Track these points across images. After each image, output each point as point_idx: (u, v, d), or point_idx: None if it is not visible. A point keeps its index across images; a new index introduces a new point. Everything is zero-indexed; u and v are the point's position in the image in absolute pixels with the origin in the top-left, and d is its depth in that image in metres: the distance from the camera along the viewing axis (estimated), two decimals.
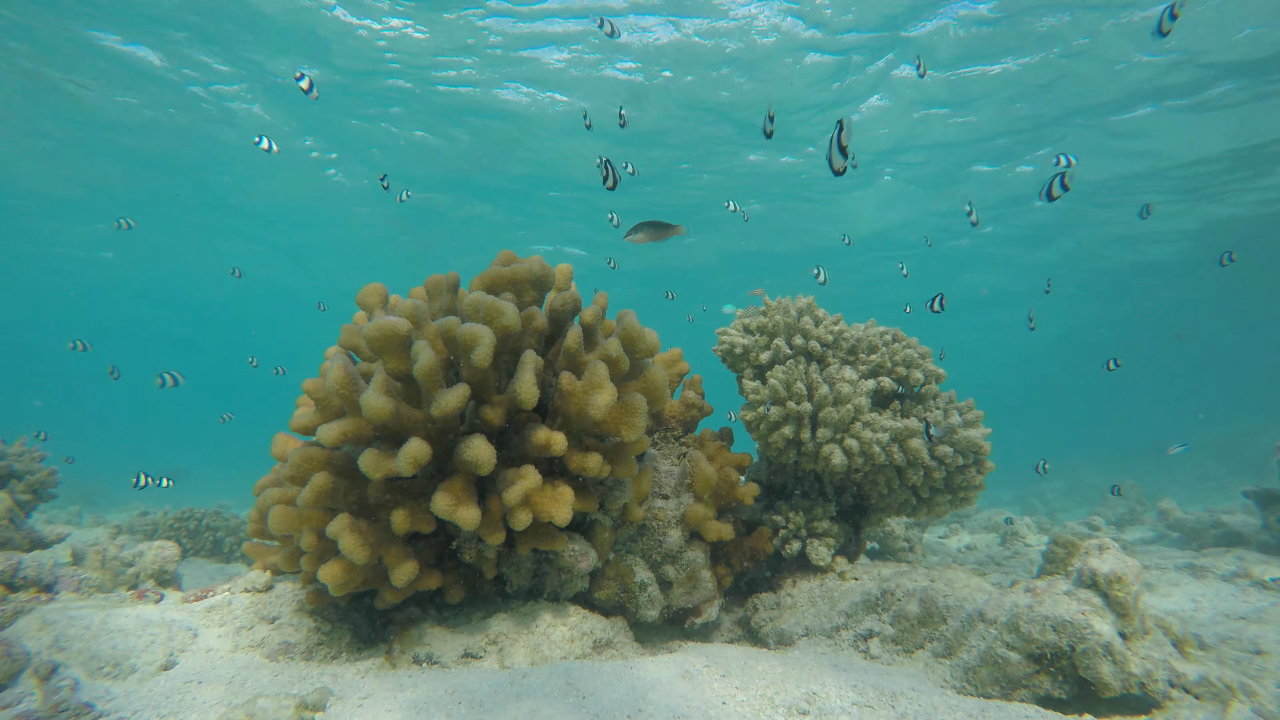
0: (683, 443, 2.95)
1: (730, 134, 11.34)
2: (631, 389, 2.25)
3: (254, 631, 2.17)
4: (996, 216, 13.96)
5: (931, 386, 3.03)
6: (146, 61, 9.47)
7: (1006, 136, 11.00)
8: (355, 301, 2.42)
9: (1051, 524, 8.08)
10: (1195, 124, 10.19)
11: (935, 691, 1.89)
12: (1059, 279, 18.27)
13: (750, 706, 1.78)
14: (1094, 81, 9.39)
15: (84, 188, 13.59)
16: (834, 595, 2.61)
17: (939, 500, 2.92)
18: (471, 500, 1.99)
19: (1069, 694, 1.80)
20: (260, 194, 14.12)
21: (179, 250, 17.70)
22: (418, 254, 17.77)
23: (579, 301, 2.37)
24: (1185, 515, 5.77)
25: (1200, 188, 12.52)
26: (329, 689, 1.81)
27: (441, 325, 2.09)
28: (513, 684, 1.86)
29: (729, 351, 3.08)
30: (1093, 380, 38.13)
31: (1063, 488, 13.03)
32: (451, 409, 1.93)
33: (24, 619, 2.03)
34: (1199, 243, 14.97)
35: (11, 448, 3.19)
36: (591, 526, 2.41)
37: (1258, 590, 3.50)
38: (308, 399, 2.32)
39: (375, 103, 10.75)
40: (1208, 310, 20.62)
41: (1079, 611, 1.78)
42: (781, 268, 18.44)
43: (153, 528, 6.44)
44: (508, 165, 12.72)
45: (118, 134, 11.45)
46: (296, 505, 2.03)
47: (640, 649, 2.37)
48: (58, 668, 1.79)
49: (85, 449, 20.49)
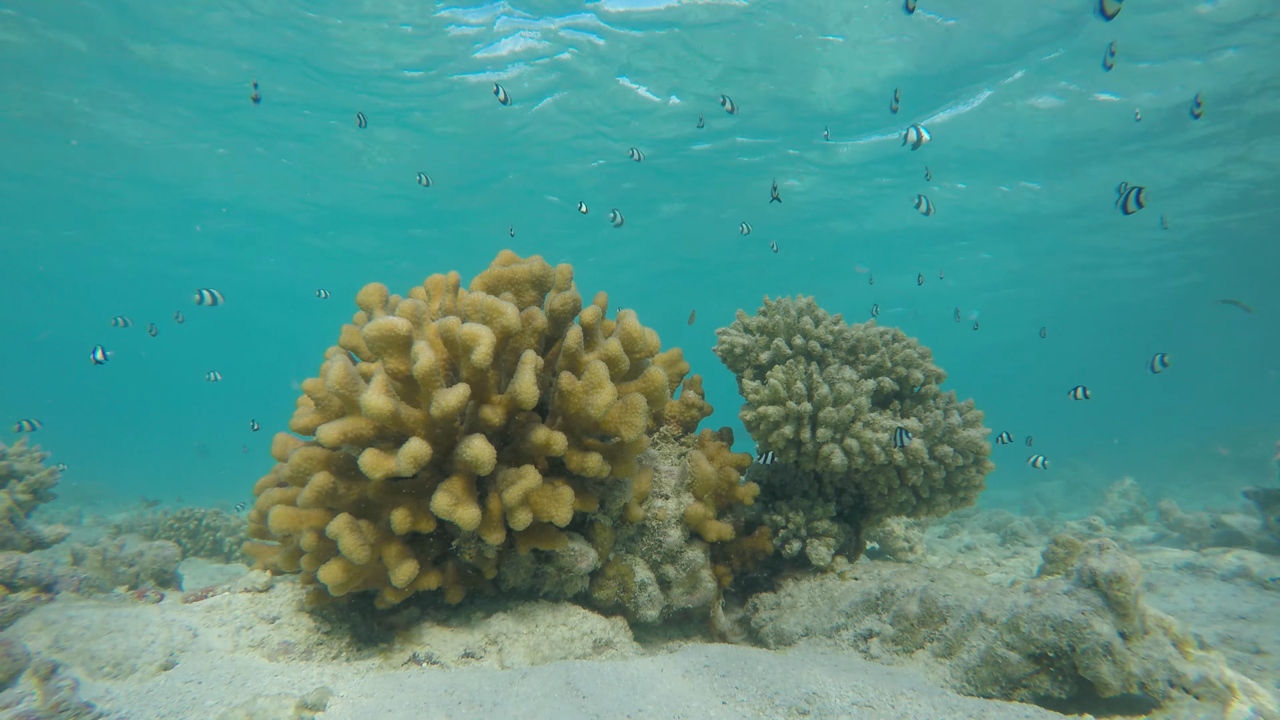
0: (683, 443, 2.95)
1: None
2: (631, 389, 2.25)
3: (254, 631, 2.17)
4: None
5: (931, 386, 3.03)
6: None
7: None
8: (355, 301, 2.42)
9: (1051, 524, 8.08)
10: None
11: (935, 691, 1.89)
12: (1061, 279, 18.30)
13: (750, 706, 1.78)
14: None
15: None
16: (834, 595, 2.61)
17: (939, 500, 2.92)
18: (471, 500, 1.99)
19: (1069, 694, 1.80)
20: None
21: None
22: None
23: (579, 301, 2.37)
24: (1185, 515, 5.78)
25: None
26: (329, 689, 1.81)
27: (442, 325, 2.09)
28: (512, 684, 1.86)
29: (729, 351, 3.08)
30: (1093, 381, 38.13)
31: (1063, 488, 13.03)
32: (451, 409, 1.93)
33: (24, 619, 2.03)
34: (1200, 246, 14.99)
35: (12, 448, 3.20)
36: (591, 526, 2.41)
37: (1258, 590, 3.50)
38: (308, 399, 2.32)
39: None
40: (1208, 309, 20.64)
41: (1079, 611, 1.78)
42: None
43: (153, 528, 6.44)
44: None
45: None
46: (297, 505, 2.04)
47: (640, 649, 2.37)
48: (58, 668, 1.79)
49: (85, 450, 20.50)
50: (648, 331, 2.31)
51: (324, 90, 10.11)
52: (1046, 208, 13.83)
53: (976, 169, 12.27)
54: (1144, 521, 7.80)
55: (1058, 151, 11.43)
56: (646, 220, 15.41)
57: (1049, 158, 11.69)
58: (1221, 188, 12.39)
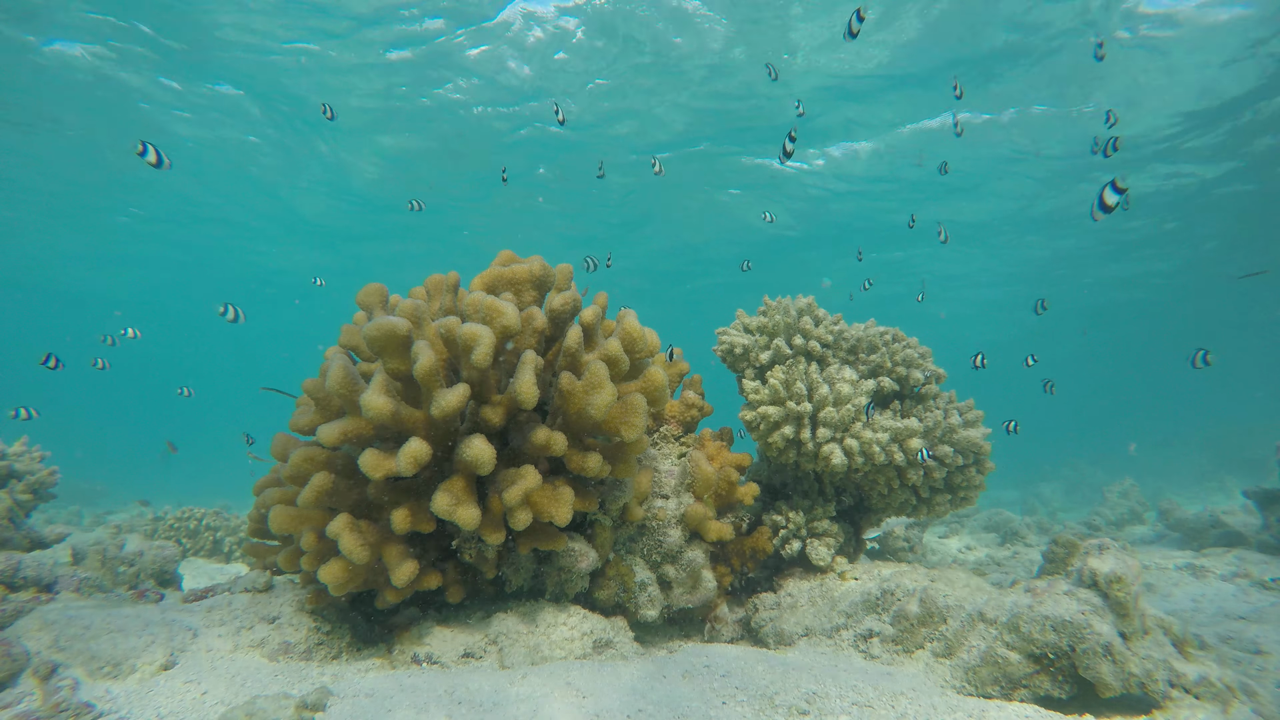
0: (683, 443, 2.95)
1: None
2: (631, 389, 2.25)
3: (254, 631, 2.17)
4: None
5: (931, 386, 3.03)
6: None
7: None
8: (355, 301, 2.42)
9: (1051, 524, 8.08)
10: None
11: (935, 691, 1.89)
12: (1064, 278, 18.23)
13: (750, 706, 1.79)
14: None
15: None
16: (834, 595, 2.61)
17: (939, 500, 2.92)
18: (471, 500, 1.99)
19: (1069, 694, 1.80)
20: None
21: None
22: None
23: (579, 301, 2.37)
24: (1185, 515, 5.77)
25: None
26: (329, 689, 1.81)
27: (442, 325, 2.09)
28: (513, 684, 1.86)
29: (729, 351, 3.08)
30: (1093, 380, 38.15)
31: (1063, 488, 13.03)
32: (451, 409, 1.93)
33: (24, 619, 2.03)
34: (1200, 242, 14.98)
35: (12, 448, 3.19)
36: (591, 526, 2.41)
37: (1258, 590, 3.50)
38: (308, 399, 2.32)
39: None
40: (1207, 309, 20.64)
41: (1079, 611, 1.78)
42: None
43: (153, 528, 6.44)
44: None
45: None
46: (297, 505, 2.04)
47: (640, 649, 2.37)
48: (58, 668, 1.80)
49: (84, 450, 20.48)
50: (648, 331, 2.31)
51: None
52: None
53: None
54: (1144, 521, 7.80)
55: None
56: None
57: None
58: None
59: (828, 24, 8.40)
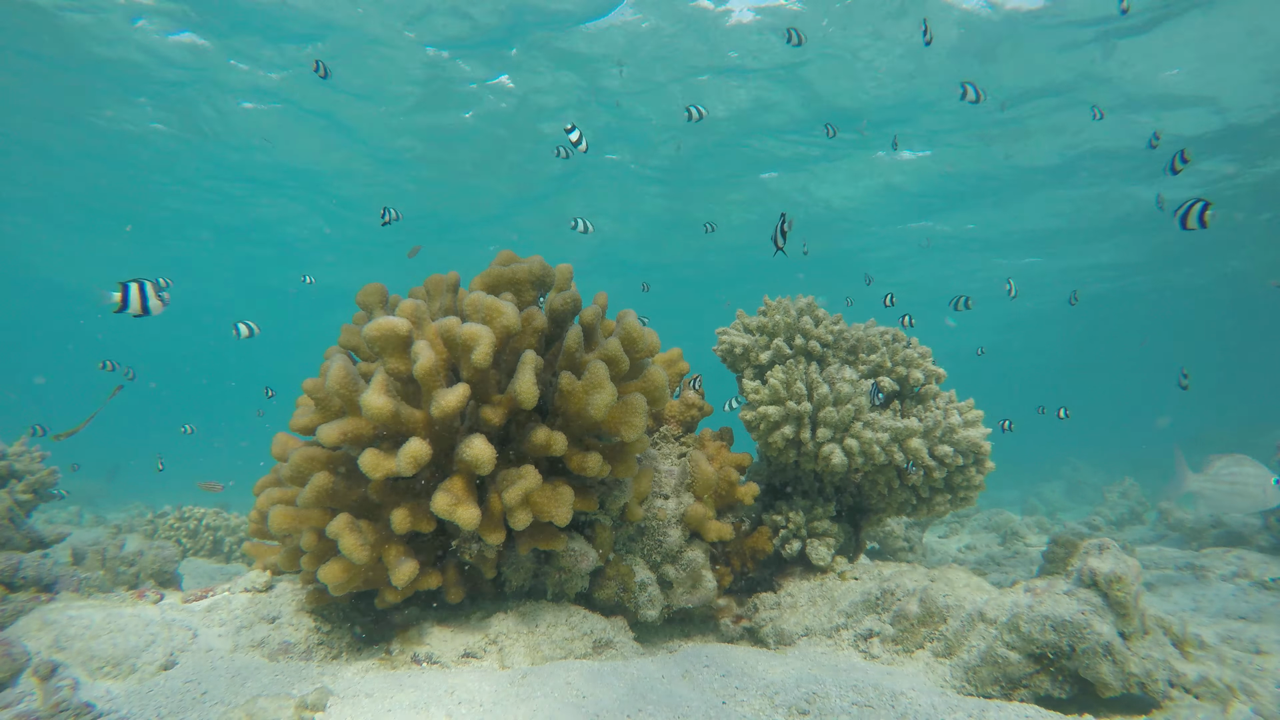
0: (683, 443, 2.95)
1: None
2: (631, 389, 2.25)
3: (254, 631, 2.17)
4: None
5: (931, 386, 3.03)
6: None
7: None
8: (355, 301, 2.42)
9: (1051, 524, 8.08)
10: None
11: (935, 691, 1.89)
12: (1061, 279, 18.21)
13: (750, 706, 1.79)
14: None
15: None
16: (834, 595, 2.61)
17: (939, 500, 2.92)
18: (471, 500, 1.99)
19: (1069, 694, 1.80)
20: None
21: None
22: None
23: (579, 301, 2.37)
24: (1185, 515, 5.77)
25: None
26: (329, 689, 1.81)
27: (442, 325, 2.09)
28: (512, 684, 1.86)
29: (729, 351, 3.08)
30: (1093, 379, 38.09)
31: (1063, 488, 13.02)
32: (451, 409, 1.93)
33: (24, 619, 2.03)
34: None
35: (12, 448, 3.19)
36: (591, 526, 2.41)
37: (1258, 590, 3.50)
38: (308, 399, 2.32)
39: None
40: (1207, 309, 20.64)
41: (1079, 611, 1.78)
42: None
43: (153, 528, 6.44)
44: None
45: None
46: (296, 505, 2.04)
47: (640, 649, 2.37)
48: (58, 668, 1.80)
49: (86, 450, 20.44)
50: (648, 331, 2.31)
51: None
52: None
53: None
54: (1144, 521, 7.80)
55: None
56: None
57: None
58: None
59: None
